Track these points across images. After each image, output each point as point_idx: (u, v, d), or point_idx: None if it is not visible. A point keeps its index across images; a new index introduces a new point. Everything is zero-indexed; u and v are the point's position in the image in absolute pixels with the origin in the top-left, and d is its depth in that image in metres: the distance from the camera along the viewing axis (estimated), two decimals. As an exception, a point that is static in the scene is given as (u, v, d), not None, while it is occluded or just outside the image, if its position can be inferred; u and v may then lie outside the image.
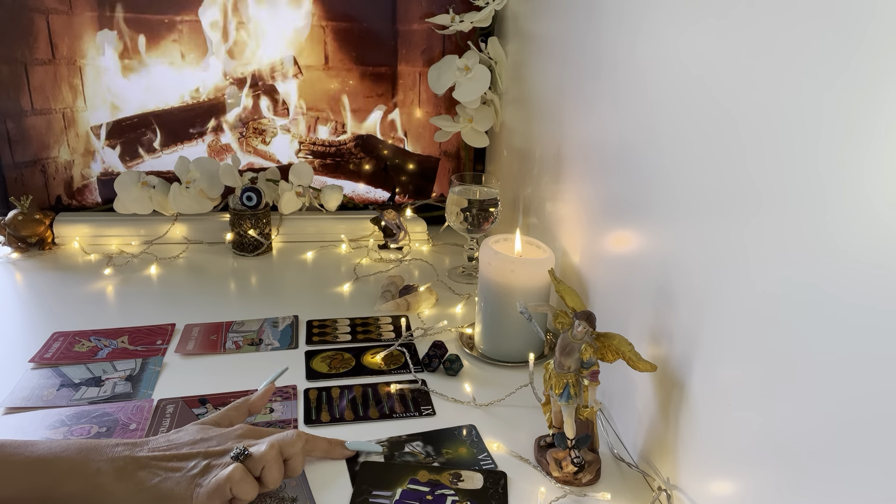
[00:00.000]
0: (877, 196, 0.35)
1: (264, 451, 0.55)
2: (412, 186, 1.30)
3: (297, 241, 1.18)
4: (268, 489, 0.56)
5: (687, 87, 0.54)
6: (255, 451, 0.55)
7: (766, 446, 0.45)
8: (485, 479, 0.61)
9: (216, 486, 0.52)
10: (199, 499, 0.52)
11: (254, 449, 0.56)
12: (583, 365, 0.59)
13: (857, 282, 0.36)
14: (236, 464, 0.54)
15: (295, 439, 0.58)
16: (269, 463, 0.55)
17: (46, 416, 0.68)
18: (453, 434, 0.68)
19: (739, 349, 0.48)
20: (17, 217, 1.06)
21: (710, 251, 0.51)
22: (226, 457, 0.55)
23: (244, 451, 0.55)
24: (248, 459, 0.55)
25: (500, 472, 0.62)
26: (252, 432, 0.60)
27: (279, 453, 0.57)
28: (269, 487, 0.56)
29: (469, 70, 1.09)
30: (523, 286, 0.78)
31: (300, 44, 1.18)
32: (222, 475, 0.53)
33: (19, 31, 1.08)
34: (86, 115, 1.16)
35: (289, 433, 0.59)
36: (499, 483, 0.60)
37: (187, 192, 1.11)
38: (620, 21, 0.67)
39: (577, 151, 0.81)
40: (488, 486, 0.60)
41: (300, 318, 0.90)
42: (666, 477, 0.59)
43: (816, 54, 0.39)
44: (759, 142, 0.45)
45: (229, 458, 0.55)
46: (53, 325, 0.86)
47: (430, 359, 0.79)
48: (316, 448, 0.62)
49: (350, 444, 0.64)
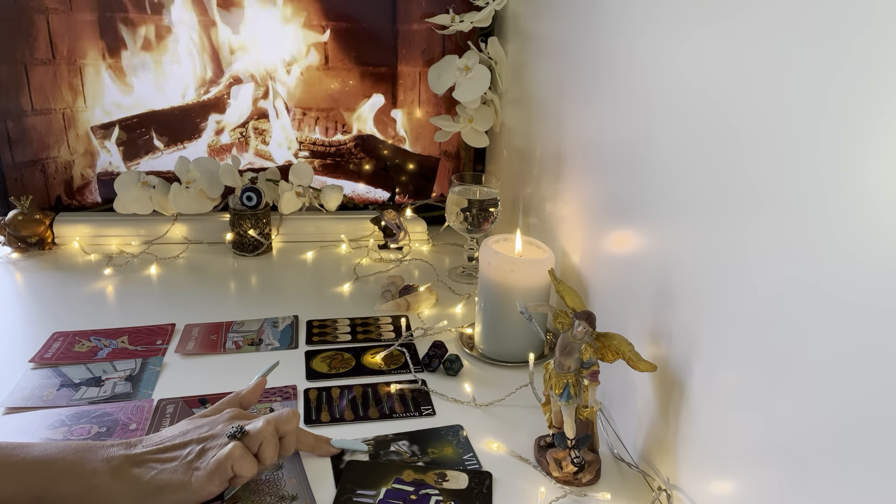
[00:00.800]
0: (877, 195, 0.35)
1: (261, 427, 0.56)
2: (412, 186, 1.30)
3: (297, 241, 1.18)
4: (265, 466, 0.57)
5: (687, 87, 0.54)
6: (252, 428, 0.56)
7: (766, 446, 0.45)
8: (470, 480, 0.61)
9: (216, 464, 0.53)
10: (199, 481, 0.53)
11: (250, 426, 0.56)
12: (583, 365, 0.59)
13: (856, 281, 0.36)
14: (235, 441, 0.54)
15: (290, 416, 0.59)
16: (267, 439, 0.56)
17: (46, 416, 0.68)
18: (440, 434, 0.68)
19: (739, 349, 0.48)
20: (17, 217, 1.06)
21: (710, 251, 0.51)
22: (221, 437, 0.56)
23: (241, 428, 0.56)
24: (246, 437, 0.55)
25: (486, 473, 0.62)
26: (241, 415, 0.60)
27: (275, 430, 0.57)
28: (267, 464, 0.57)
29: (469, 70, 1.09)
30: (523, 286, 0.78)
31: (301, 44, 1.18)
32: (222, 454, 0.53)
33: (19, 31, 1.08)
34: (86, 115, 1.16)
35: (284, 410, 0.59)
36: (483, 483, 0.60)
37: (187, 192, 1.10)
38: (620, 21, 0.67)
39: (577, 151, 0.81)
40: (473, 487, 0.60)
41: (300, 318, 0.90)
42: (666, 477, 0.59)
43: (815, 55, 0.39)
44: (759, 141, 0.45)
45: (226, 438, 0.55)
46: (53, 325, 0.86)
47: (430, 359, 0.79)
48: (303, 442, 0.62)
49: (335, 441, 0.64)
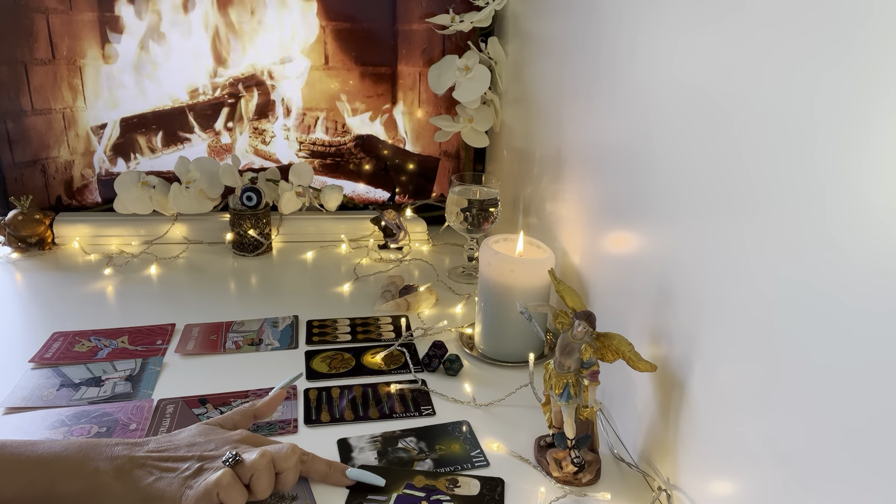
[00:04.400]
0: (875, 197, 0.35)
1: (255, 459, 0.54)
2: (412, 186, 1.30)
3: (297, 241, 1.18)
4: (256, 499, 0.55)
5: (686, 87, 0.54)
6: (247, 458, 0.54)
7: (767, 446, 0.45)
8: (482, 486, 0.60)
9: (204, 489, 0.52)
10: (188, 501, 0.52)
11: (246, 455, 0.55)
12: (583, 365, 0.59)
13: (855, 283, 0.36)
14: (225, 469, 0.53)
15: (288, 453, 0.56)
16: (259, 472, 0.54)
17: (46, 416, 0.68)
18: (447, 430, 0.68)
19: (739, 349, 0.48)
20: (17, 217, 1.06)
21: (710, 251, 0.51)
22: (218, 461, 0.55)
23: (235, 456, 0.54)
24: (239, 466, 0.54)
25: (498, 479, 0.61)
26: (250, 438, 0.59)
27: (270, 463, 0.55)
28: (257, 497, 0.54)
29: (469, 70, 1.09)
30: (523, 286, 0.78)
31: (300, 44, 1.18)
32: (211, 479, 0.52)
33: (19, 31, 1.08)
34: (86, 115, 1.16)
35: (283, 446, 0.57)
36: (496, 490, 0.60)
37: (187, 192, 1.10)
38: (620, 21, 0.67)
39: (577, 151, 0.81)
40: (485, 493, 0.59)
41: (300, 318, 0.90)
42: (666, 477, 0.59)
43: (815, 54, 0.39)
44: (759, 142, 0.45)
45: (220, 463, 0.54)
46: (53, 325, 0.86)
47: (430, 359, 0.79)
48: (313, 470, 0.59)
49: (351, 472, 0.60)
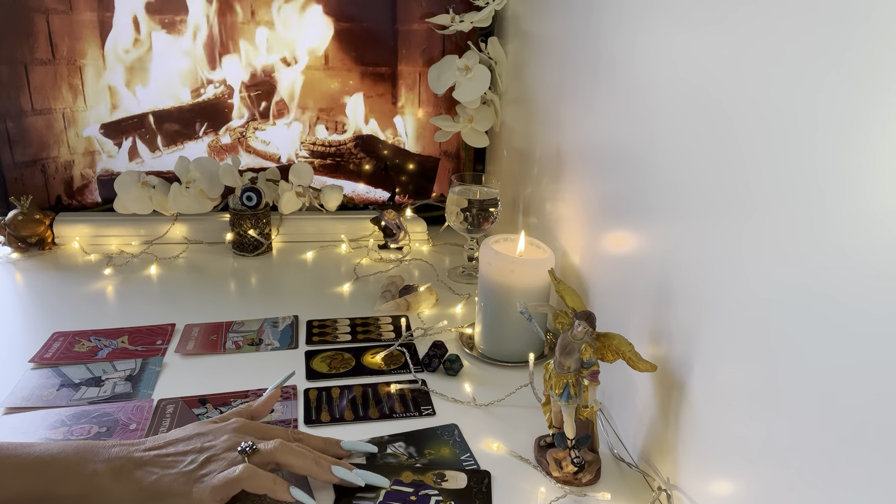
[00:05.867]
0: (874, 197, 0.35)
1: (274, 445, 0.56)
2: (412, 186, 1.30)
3: (297, 241, 1.18)
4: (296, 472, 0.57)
5: (686, 87, 0.54)
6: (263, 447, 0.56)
7: (767, 446, 0.45)
8: (469, 479, 0.61)
9: (223, 482, 0.53)
10: (201, 493, 0.52)
11: (261, 445, 0.56)
12: (583, 365, 0.59)
13: (853, 283, 0.36)
14: (245, 464, 0.54)
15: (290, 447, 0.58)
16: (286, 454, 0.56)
17: (46, 416, 0.68)
18: (436, 434, 0.67)
19: (739, 349, 0.48)
20: (17, 217, 1.06)
21: (710, 251, 0.51)
22: (223, 451, 0.55)
23: (252, 445, 0.56)
24: (256, 454, 0.55)
25: (484, 472, 0.61)
26: (246, 426, 0.60)
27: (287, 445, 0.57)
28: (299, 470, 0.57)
29: (469, 70, 1.09)
30: (523, 286, 0.78)
31: (303, 44, 1.18)
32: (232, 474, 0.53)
33: (19, 31, 1.08)
34: (86, 115, 1.16)
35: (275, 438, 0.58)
36: (482, 482, 0.60)
37: (187, 192, 1.10)
38: (620, 21, 0.67)
39: (577, 151, 0.81)
40: (472, 486, 0.60)
41: (300, 318, 0.90)
42: (666, 477, 0.59)
43: (814, 55, 0.39)
44: (758, 143, 0.45)
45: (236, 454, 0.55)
46: (53, 325, 0.86)
47: (430, 359, 0.79)
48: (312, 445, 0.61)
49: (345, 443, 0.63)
